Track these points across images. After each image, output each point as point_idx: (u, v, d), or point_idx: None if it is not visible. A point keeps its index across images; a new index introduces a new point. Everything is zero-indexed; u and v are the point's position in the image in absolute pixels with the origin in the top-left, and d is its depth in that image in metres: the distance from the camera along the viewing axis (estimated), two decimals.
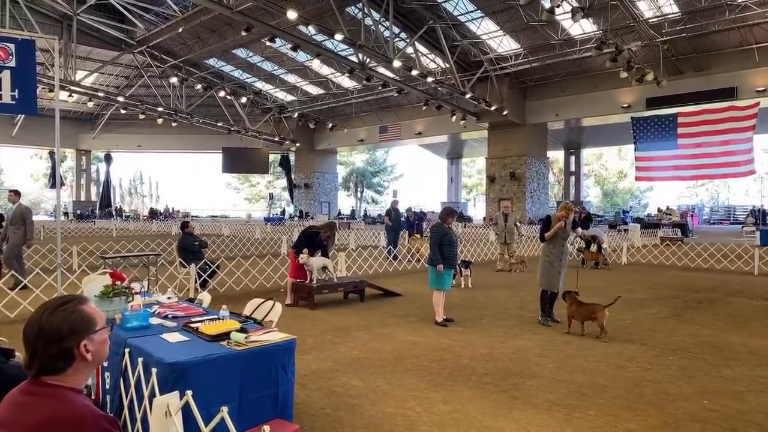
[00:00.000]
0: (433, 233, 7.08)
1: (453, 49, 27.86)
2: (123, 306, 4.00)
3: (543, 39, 26.22)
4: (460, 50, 28.32)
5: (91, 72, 33.83)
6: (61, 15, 30.93)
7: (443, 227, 7.13)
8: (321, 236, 8.46)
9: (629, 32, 24.03)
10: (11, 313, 7.03)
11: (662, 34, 23.64)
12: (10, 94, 4.54)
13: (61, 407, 1.59)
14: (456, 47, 27.98)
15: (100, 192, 41.99)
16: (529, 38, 26.82)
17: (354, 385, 4.70)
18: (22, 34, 4.67)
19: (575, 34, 25.45)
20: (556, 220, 7.02)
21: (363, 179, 59.17)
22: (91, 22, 30.66)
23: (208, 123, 37.07)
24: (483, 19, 26.38)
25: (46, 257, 12.01)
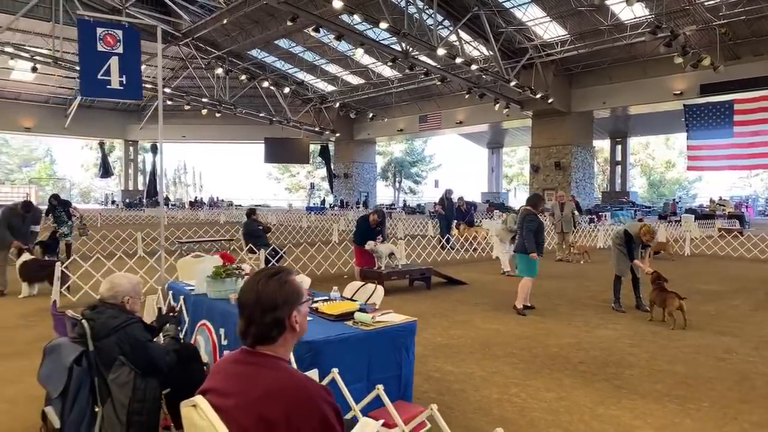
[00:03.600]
0: (529, 221, 6.97)
1: (497, 36, 27.38)
2: (234, 286, 4.07)
3: (591, 25, 25.49)
4: (504, 37, 27.82)
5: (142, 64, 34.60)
6: (110, 9, 31.67)
7: (537, 215, 7.10)
8: (370, 220, 8.47)
9: (683, 16, 23.13)
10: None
11: (719, 17, 22.66)
12: (118, 79, 4.66)
13: (284, 378, 1.60)
14: (500, 34, 27.50)
15: (147, 182, 43.14)
16: (577, 24, 26.12)
17: (449, 370, 4.68)
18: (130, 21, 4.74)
19: (625, 19, 24.64)
20: (638, 237, 6.88)
21: (401, 169, 59.04)
22: (138, 16, 31.35)
23: (251, 114, 37.55)
24: (529, 5, 25.82)
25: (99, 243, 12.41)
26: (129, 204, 38.50)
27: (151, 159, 43.08)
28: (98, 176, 43.40)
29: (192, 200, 45.45)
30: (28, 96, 37.52)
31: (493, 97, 30.68)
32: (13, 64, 30.87)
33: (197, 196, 47.34)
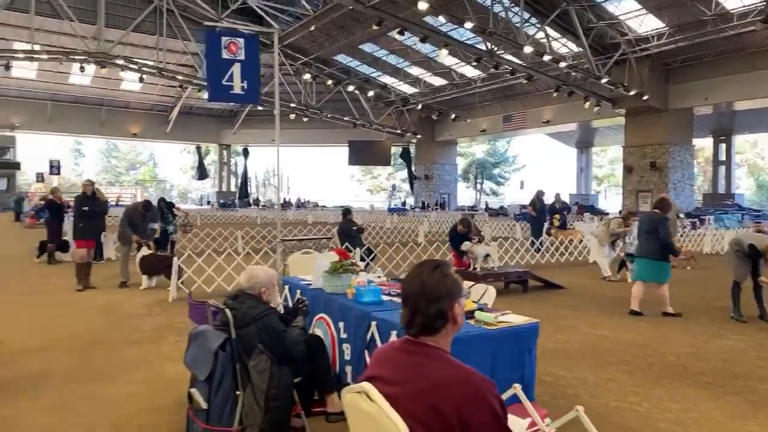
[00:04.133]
0: (663, 226, 6.80)
1: (588, 31, 26.29)
2: (349, 282, 4.21)
3: (692, 15, 23.82)
4: (595, 32, 26.64)
5: None
6: (207, 21, 33.69)
7: (667, 218, 6.95)
8: (458, 230, 8.43)
9: None
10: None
11: None
12: (240, 85, 4.99)
13: (453, 370, 1.64)
14: (591, 29, 26.37)
15: (239, 183, 45.48)
16: (676, 15, 24.50)
17: (561, 374, 4.56)
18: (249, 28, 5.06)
19: (732, 8, 22.81)
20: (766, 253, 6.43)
21: (483, 170, 58.17)
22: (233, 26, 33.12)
23: (336, 117, 38.51)
24: None
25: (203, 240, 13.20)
26: (223, 204, 40.76)
27: (242, 162, 45.37)
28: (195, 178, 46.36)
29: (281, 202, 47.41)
30: (135, 104, 40.76)
31: (583, 94, 29.50)
32: (123, 75, 33.66)
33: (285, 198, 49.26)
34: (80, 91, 37.54)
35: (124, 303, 7.52)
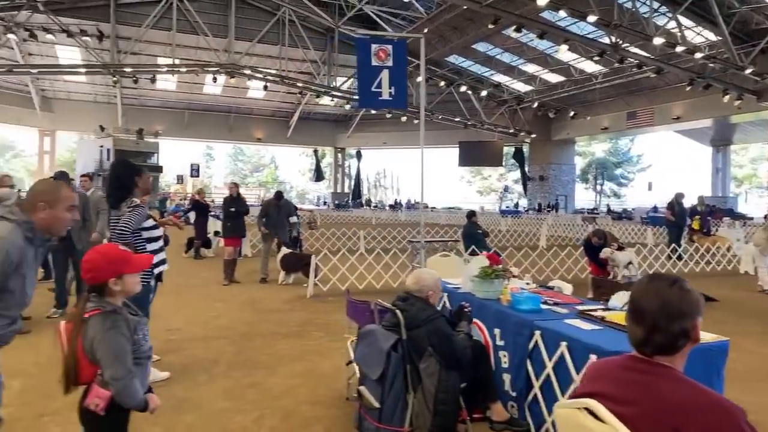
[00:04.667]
0: None
1: (728, 18, 23.79)
2: (501, 288, 4.13)
3: None
4: (737, 19, 24.07)
5: (348, 78, 37.69)
6: (325, 29, 35.14)
7: None
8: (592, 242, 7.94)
9: None
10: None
11: None
12: (388, 91, 5.13)
13: (697, 392, 1.54)
14: (732, 15, 23.84)
15: (352, 185, 47.00)
16: None
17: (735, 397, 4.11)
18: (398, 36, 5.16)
19: None
20: None
21: (604, 170, 54.87)
22: (349, 32, 34.29)
23: (447, 118, 38.40)
24: None
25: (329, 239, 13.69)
26: (338, 205, 42.34)
27: (356, 164, 46.80)
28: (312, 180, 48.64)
29: (392, 203, 48.27)
30: (259, 111, 43.58)
31: (722, 87, 26.80)
32: (249, 84, 36.10)
33: (396, 199, 49.99)
34: (212, 100, 40.89)
35: (266, 298, 8.02)
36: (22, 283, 2.42)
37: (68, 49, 31.56)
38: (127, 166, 4.37)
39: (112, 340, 2.19)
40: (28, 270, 2.44)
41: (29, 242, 2.43)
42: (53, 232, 2.54)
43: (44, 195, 2.49)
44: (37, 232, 2.46)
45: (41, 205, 2.45)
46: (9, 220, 2.39)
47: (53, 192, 2.52)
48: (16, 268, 2.35)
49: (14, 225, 2.38)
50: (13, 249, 2.33)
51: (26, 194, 2.54)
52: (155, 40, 31.66)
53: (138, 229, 4.17)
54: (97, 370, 2.20)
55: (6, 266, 2.30)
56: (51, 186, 2.59)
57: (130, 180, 4.26)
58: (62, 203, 2.51)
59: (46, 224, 2.47)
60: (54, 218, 2.48)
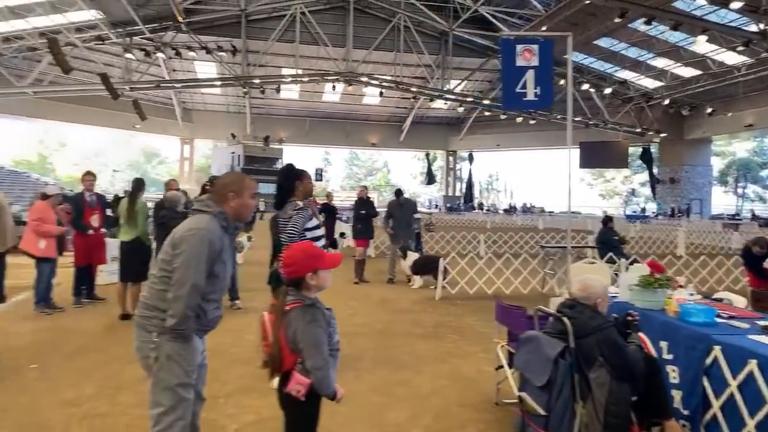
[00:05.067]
0: None
1: None
2: (664, 298, 3.89)
3: None
4: None
5: (462, 80, 37.51)
6: (439, 33, 35.28)
7: None
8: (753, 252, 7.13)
9: None
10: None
11: None
12: (533, 91, 5.06)
13: None
14: None
15: (464, 188, 46.66)
16: None
17: None
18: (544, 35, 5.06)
19: None
20: None
21: (747, 172, 49.32)
22: (463, 35, 34.13)
23: (566, 118, 36.75)
24: None
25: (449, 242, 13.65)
26: (450, 208, 42.26)
27: (468, 167, 46.40)
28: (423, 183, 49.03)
29: (507, 207, 47.21)
30: (374, 117, 44.79)
31: None
32: (365, 90, 37.25)
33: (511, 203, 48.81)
34: (330, 108, 42.71)
35: (396, 298, 8.22)
36: (224, 269, 2.72)
37: (205, 65, 34.65)
38: (288, 171, 4.70)
39: (313, 332, 2.37)
40: (227, 256, 2.73)
41: (225, 230, 2.70)
42: (242, 218, 2.83)
43: (232, 185, 2.77)
44: (230, 220, 2.75)
45: (231, 195, 2.73)
46: (206, 212, 2.69)
47: (239, 182, 2.81)
48: (218, 255, 2.63)
49: (211, 216, 2.68)
50: (215, 238, 2.61)
51: (215, 187, 2.84)
52: (280, 52, 33.74)
53: (302, 230, 4.47)
54: (296, 359, 2.40)
55: (212, 253, 2.59)
56: (236, 177, 2.89)
57: (291, 183, 4.58)
58: (247, 191, 2.79)
59: (236, 212, 2.74)
60: (242, 205, 2.76)
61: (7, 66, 28.28)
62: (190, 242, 2.54)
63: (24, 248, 6.82)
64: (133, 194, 6.89)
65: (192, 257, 2.52)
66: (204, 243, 2.55)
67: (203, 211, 2.70)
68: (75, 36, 27.26)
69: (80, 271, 7.38)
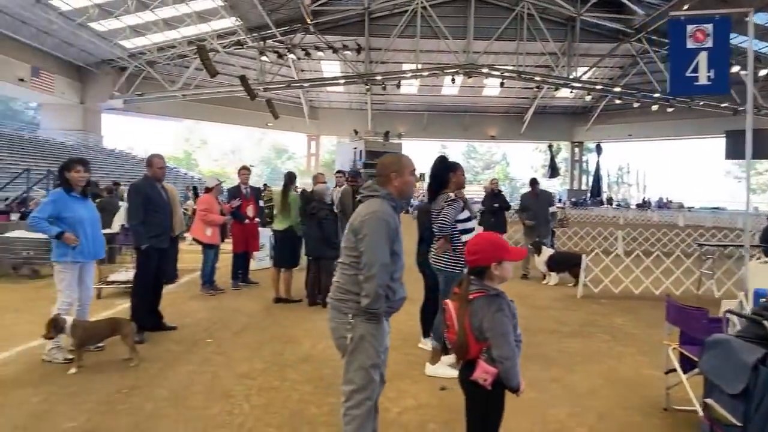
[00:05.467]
0: None
1: None
2: None
3: None
4: None
5: (590, 67, 35.41)
6: (565, 19, 33.57)
7: None
8: None
9: None
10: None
11: None
12: (705, 74, 4.65)
13: None
14: None
15: (590, 181, 44.10)
16: None
17: None
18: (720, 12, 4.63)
19: None
20: None
21: None
22: (591, 20, 32.15)
23: (710, 105, 33.31)
24: None
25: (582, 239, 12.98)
26: (575, 203, 40.20)
27: (595, 159, 43.79)
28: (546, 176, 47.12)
29: (640, 201, 43.88)
30: (493, 108, 43.87)
31: None
32: (485, 82, 36.57)
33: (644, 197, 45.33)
34: (449, 101, 42.54)
35: (533, 294, 8.02)
36: (401, 247, 2.85)
37: (330, 64, 36.15)
38: (441, 163, 4.76)
39: (500, 322, 2.39)
40: (400, 235, 2.86)
41: (395, 210, 2.85)
42: (406, 195, 2.95)
43: (392, 166, 2.90)
44: (396, 199, 2.87)
45: (393, 176, 2.88)
46: (376, 196, 2.84)
47: (397, 162, 2.93)
48: (395, 233, 2.78)
49: (381, 199, 2.83)
50: (389, 218, 2.76)
51: (377, 170, 2.97)
52: (401, 48, 34.18)
53: (454, 221, 4.51)
54: (482, 347, 2.44)
55: (390, 233, 2.74)
56: (394, 158, 3.00)
57: (445, 175, 4.64)
58: (407, 169, 2.91)
59: (400, 190, 2.88)
60: (405, 183, 2.89)
61: (160, 72, 31.67)
62: (369, 226, 2.71)
63: (193, 235, 7.62)
64: (285, 187, 7.41)
65: (374, 239, 2.69)
66: (381, 224, 2.71)
67: (372, 195, 2.86)
68: (217, 42, 29.81)
69: (237, 257, 8.10)
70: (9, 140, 26.29)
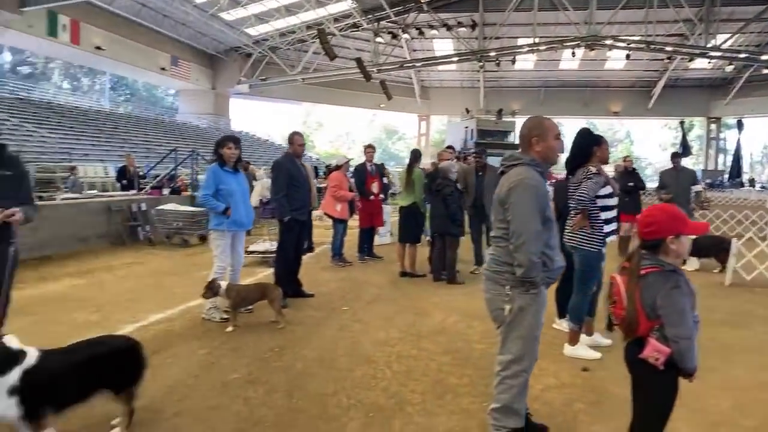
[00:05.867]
0: None
1: None
2: None
3: None
4: None
5: (732, 33, 31.68)
6: None
7: None
8: None
9: None
10: None
11: None
12: None
13: None
14: None
15: (729, 161, 39.72)
16: None
17: None
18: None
19: None
20: None
21: None
22: None
23: None
24: None
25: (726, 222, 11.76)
26: (710, 184, 36.46)
27: (735, 136, 39.34)
28: None
29: None
30: (617, 83, 40.88)
31: None
32: (609, 54, 34.11)
33: None
34: (567, 76, 40.31)
35: None
36: (552, 213, 2.80)
37: (442, 42, 35.71)
38: (586, 135, 4.55)
39: (676, 300, 2.25)
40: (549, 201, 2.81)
41: (542, 175, 2.78)
42: (550, 160, 2.86)
43: (535, 130, 2.82)
44: (542, 165, 2.80)
45: (535, 140, 2.79)
46: (520, 163, 2.78)
47: (539, 126, 2.83)
48: (545, 199, 2.73)
49: (525, 166, 2.76)
50: (537, 183, 2.71)
51: (519, 135, 2.89)
52: (516, 22, 32.87)
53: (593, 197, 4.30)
54: (652, 325, 2.31)
55: (540, 198, 2.69)
56: (536, 122, 2.89)
57: (588, 149, 4.42)
58: (550, 133, 2.81)
59: (543, 155, 2.80)
60: (548, 148, 2.80)
61: (281, 57, 33.26)
62: (516, 193, 2.67)
63: (325, 210, 8.01)
64: (410, 165, 7.52)
65: (522, 206, 2.65)
66: (529, 190, 2.66)
67: (515, 164, 2.80)
68: (334, 26, 30.64)
69: (363, 231, 8.39)
70: (154, 124, 29.17)
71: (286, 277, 5.88)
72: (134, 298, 5.99)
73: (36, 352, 2.70)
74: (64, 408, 2.76)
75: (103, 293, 6.18)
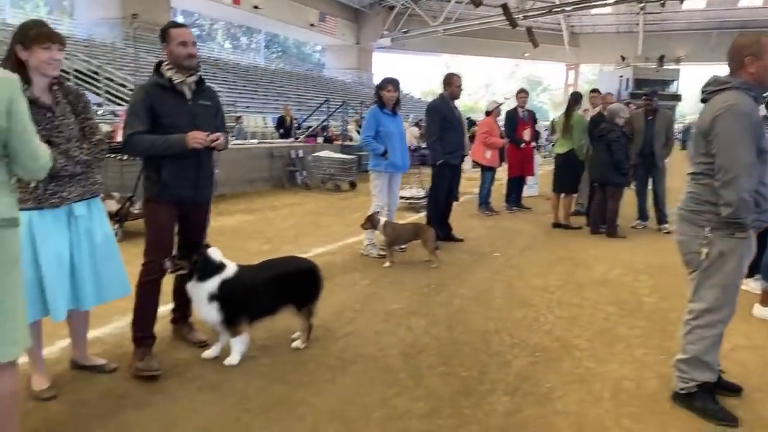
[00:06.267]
0: None
1: None
2: None
3: None
4: None
5: None
6: None
7: None
8: None
9: None
10: None
11: None
12: None
13: None
14: None
15: None
16: None
17: None
18: None
19: None
20: None
21: None
22: None
23: None
24: None
25: None
26: None
27: None
28: None
29: None
30: None
31: None
32: None
33: None
34: (748, 15, 34.65)
35: None
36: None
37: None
38: None
39: None
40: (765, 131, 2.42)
41: (755, 100, 2.41)
42: (766, 83, 2.42)
43: (748, 48, 2.38)
44: (756, 89, 2.41)
45: (749, 60, 2.37)
46: (728, 88, 2.40)
47: (755, 42, 2.38)
48: (760, 127, 2.36)
49: (735, 90, 2.37)
50: (749, 110, 2.34)
51: (728, 55, 2.45)
52: None
53: None
54: None
55: (753, 126, 2.32)
56: (750, 38, 2.44)
57: None
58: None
59: (759, 77, 2.39)
60: (764, 69, 2.37)
61: (423, 8, 32.72)
62: (723, 122, 2.33)
63: (473, 158, 7.87)
64: (569, 108, 7.04)
65: (731, 136, 2.31)
66: (739, 117, 2.31)
67: (721, 89, 2.42)
68: None
69: (512, 181, 8.14)
70: (304, 79, 30.70)
71: (438, 220, 5.92)
72: (297, 233, 6.46)
73: (234, 266, 3.02)
74: (256, 318, 3.09)
75: (271, 228, 6.75)
